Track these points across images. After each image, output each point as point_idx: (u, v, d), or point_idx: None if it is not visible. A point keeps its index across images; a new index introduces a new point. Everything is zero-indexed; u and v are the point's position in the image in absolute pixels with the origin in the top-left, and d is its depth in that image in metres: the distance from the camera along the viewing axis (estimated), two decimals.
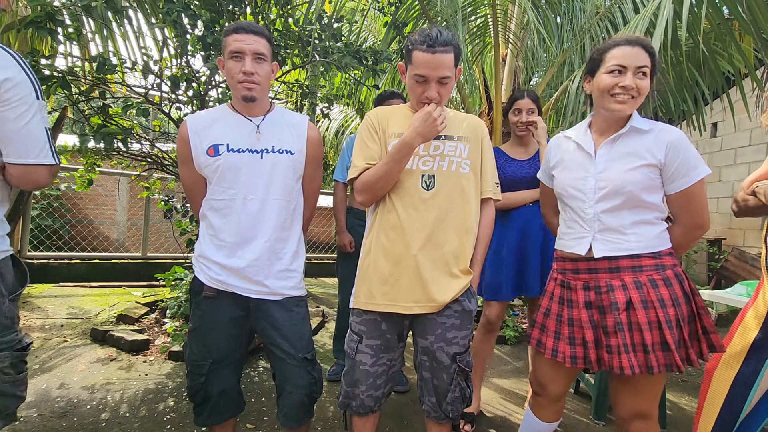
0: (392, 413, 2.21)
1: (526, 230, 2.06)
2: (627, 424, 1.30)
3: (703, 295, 2.62)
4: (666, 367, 1.18)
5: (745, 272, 4.89)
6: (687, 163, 1.24)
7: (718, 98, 3.82)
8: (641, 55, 1.24)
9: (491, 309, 2.12)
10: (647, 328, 1.19)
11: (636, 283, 1.23)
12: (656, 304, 1.20)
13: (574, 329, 1.32)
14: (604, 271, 1.28)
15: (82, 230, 5.04)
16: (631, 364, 1.19)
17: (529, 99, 2.06)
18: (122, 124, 2.52)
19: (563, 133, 1.48)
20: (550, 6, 3.83)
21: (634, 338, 1.21)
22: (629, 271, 1.25)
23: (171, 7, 2.24)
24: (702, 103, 3.54)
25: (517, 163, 2.10)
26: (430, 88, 1.32)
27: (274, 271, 1.39)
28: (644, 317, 1.20)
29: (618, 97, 1.25)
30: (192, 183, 1.46)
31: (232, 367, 1.44)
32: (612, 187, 1.26)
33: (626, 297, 1.23)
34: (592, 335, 1.27)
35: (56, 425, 1.91)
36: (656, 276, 1.23)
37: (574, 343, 1.31)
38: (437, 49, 1.27)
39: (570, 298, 1.34)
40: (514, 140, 2.17)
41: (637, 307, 1.21)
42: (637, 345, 1.20)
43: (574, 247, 1.33)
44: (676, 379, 2.97)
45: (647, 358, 1.18)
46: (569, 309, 1.34)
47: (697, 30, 2.60)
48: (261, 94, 1.40)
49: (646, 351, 1.19)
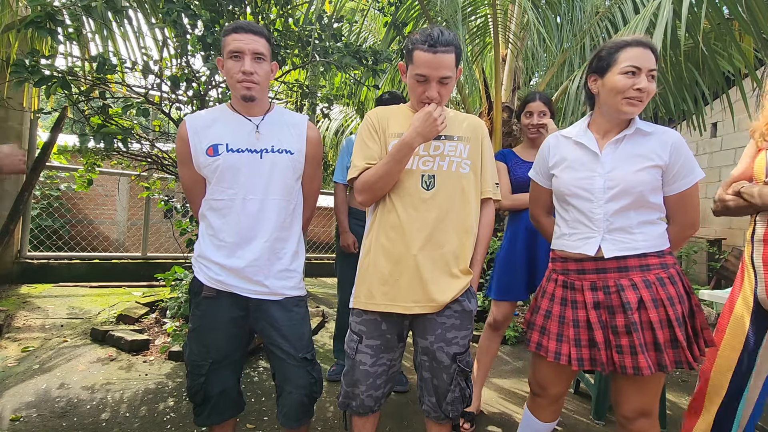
0: (392, 413, 2.21)
1: (534, 230, 2.05)
2: (630, 423, 1.29)
3: (703, 295, 2.62)
4: (676, 363, 1.20)
5: None
6: (687, 165, 1.27)
7: (718, 98, 3.82)
8: (651, 57, 1.25)
9: (499, 309, 2.12)
10: (659, 327, 1.20)
11: (645, 282, 1.24)
12: (666, 303, 1.21)
13: (579, 330, 1.30)
14: (612, 270, 1.28)
15: (82, 230, 5.04)
16: (648, 363, 1.19)
17: (541, 101, 2.06)
18: (122, 124, 2.53)
19: (560, 132, 1.47)
20: (550, 6, 3.83)
21: (646, 337, 1.21)
22: (637, 270, 1.26)
23: (171, 7, 2.24)
24: (702, 103, 3.54)
25: (529, 165, 2.08)
26: (431, 87, 1.32)
27: (273, 271, 1.39)
28: (656, 316, 1.21)
29: (632, 99, 1.25)
30: (191, 183, 1.46)
31: (231, 367, 1.44)
32: (622, 187, 1.26)
33: (637, 296, 1.23)
34: (602, 336, 1.26)
35: (56, 425, 1.91)
36: (663, 274, 1.25)
37: (579, 344, 1.29)
38: (438, 49, 1.27)
39: (574, 299, 1.33)
40: (526, 142, 2.19)
41: (648, 306, 1.21)
42: (650, 344, 1.21)
43: (581, 247, 1.32)
44: (676, 379, 2.97)
45: (659, 357, 1.19)
46: (573, 310, 1.32)
47: (697, 30, 2.61)
48: (260, 93, 1.40)
49: (659, 349, 1.19)
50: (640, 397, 1.27)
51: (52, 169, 4.68)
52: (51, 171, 4.79)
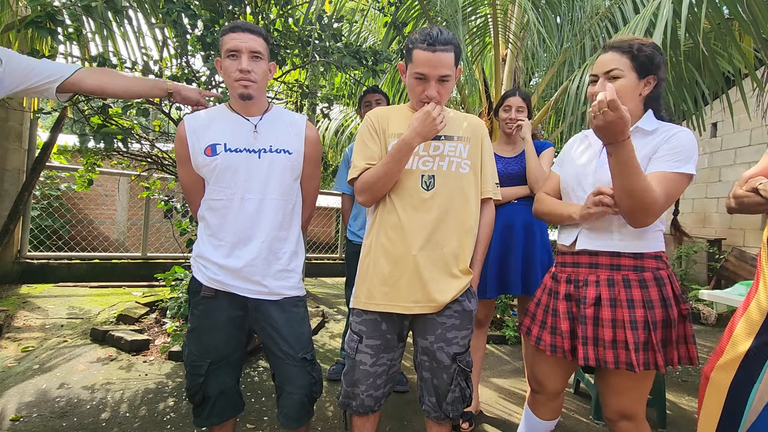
0: (392, 413, 2.21)
1: (509, 228, 2.07)
2: (613, 424, 1.32)
3: (703, 295, 2.62)
4: (627, 365, 1.20)
5: (745, 272, 4.89)
6: (677, 153, 1.21)
7: (718, 98, 3.82)
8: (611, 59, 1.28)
9: (480, 308, 2.12)
10: (609, 326, 1.23)
11: (609, 280, 1.27)
12: (624, 304, 1.23)
13: (556, 319, 1.36)
14: (584, 265, 1.32)
15: (82, 230, 5.04)
16: (586, 355, 1.24)
17: (520, 97, 2.08)
18: (122, 124, 2.53)
19: (584, 131, 1.50)
20: (550, 6, 3.83)
21: (597, 333, 1.25)
22: (607, 268, 1.28)
23: (171, 7, 2.24)
24: (702, 103, 3.54)
25: (504, 161, 2.11)
26: (430, 86, 1.32)
27: (272, 271, 1.39)
28: (608, 314, 1.24)
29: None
30: (190, 183, 1.46)
31: (230, 367, 1.44)
32: (604, 183, 1.26)
33: (596, 293, 1.27)
34: (567, 326, 1.32)
35: (56, 425, 1.91)
36: (632, 276, 1.25)
37: (555, 332, 1.36)
38: (438, 47, 1.27)
39: (556, 289, 1.39)
40: (502, 138, 2.19)
41: (604, 304, 1.25)
42: (599, 340, 1.25)
43: (565, 239, 1.39)
44: (677, 379, 2.97)
45: (605, 353, 1.22)
46: (554, 300, 1.39)
47: (697, 30, 2.60)
48: (258, 92, 1.39)
49: (605, 346, 1.23)
50: (616, 398, 1.30)
51: (52, 169, 4.69)
52: (51, 171, 4.80)
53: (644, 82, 1.28)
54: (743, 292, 2.49)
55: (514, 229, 2.06)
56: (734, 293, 2.53)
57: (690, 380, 2.96)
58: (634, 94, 1.28)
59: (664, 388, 2.24)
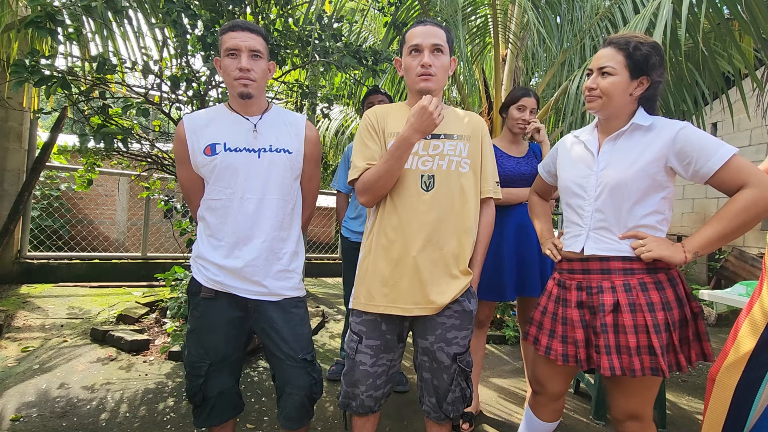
0: (392, 413, 2.21)
1: (522, 227, 2.05)
2: (620, 424, 1.31)
3: (703, 295, 2.61)
4: (651, 370, 1.17)
5: (745, 272, 4.89)
6: (706, 147, 1.15)
7: (718, 98, 3.82)
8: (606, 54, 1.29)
9: (482, 309, 2.11)
10: (632, 332, 1.19)
11: (625, 285, 1.23)
12: (645, 308, 1.20)
13: (567, 328, 1.33)
14: (596, 272, 1.29)
15: (82, 230, 5.04)
16: (612, 365, 1.19)
17: (534, 99, 2.07)
18: (122, 124, 2.53)
19: (573, 132, 1.48)
20: (550, 6, 3.83)
21: (619, 340, 1.21)
22: (620, 273, 1.25)
23: (171, 7, 2.24)
24: (702, 103, 3.54)
25: (515, 160, 2.09)
26: (425, 56, 1.35)
27: (272, 272, 1.39)
28: (630, 320, 1.20)
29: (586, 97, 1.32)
30: (189, 183, 1.46)
31: (230, 368, 1.43)
32: (612, 185, 1.25)
33: (614, 299, 1.23)
34: (582, 335, 1.28)
35: (56, 425, 1.91)
36: (647, 279, 1.23)
37: (566, 341, 1.32)
38: (429, 22, 1.37)
39: (565, 297, 1.36)
40: (508, 136, 2.14)
41: (624, 310, 1.21)
42: (622, 347, 1.20)
43: (572, 245, 1.35)
44: (676, 379, 2.96)
45: (631, 361, 1.18)
46: (564, 308, 1.35)
47: (697, 30, 2.60)
48: (257, 91, 1.39)
49: (630, 354, 1.19)
50: (625, 400, 1.28)
51: (52, 169, 4.69)
52: (51, 171, 4.80)
53: (637, 82, 1.25)
54: (743, 292, 2.49)
55: (529, 228, 2.03)
56: (734, 293, 2.52)
57: (690, 380, 2.96)
58: (624, 94, 1.26)
59: (664, 388, 2.24)
